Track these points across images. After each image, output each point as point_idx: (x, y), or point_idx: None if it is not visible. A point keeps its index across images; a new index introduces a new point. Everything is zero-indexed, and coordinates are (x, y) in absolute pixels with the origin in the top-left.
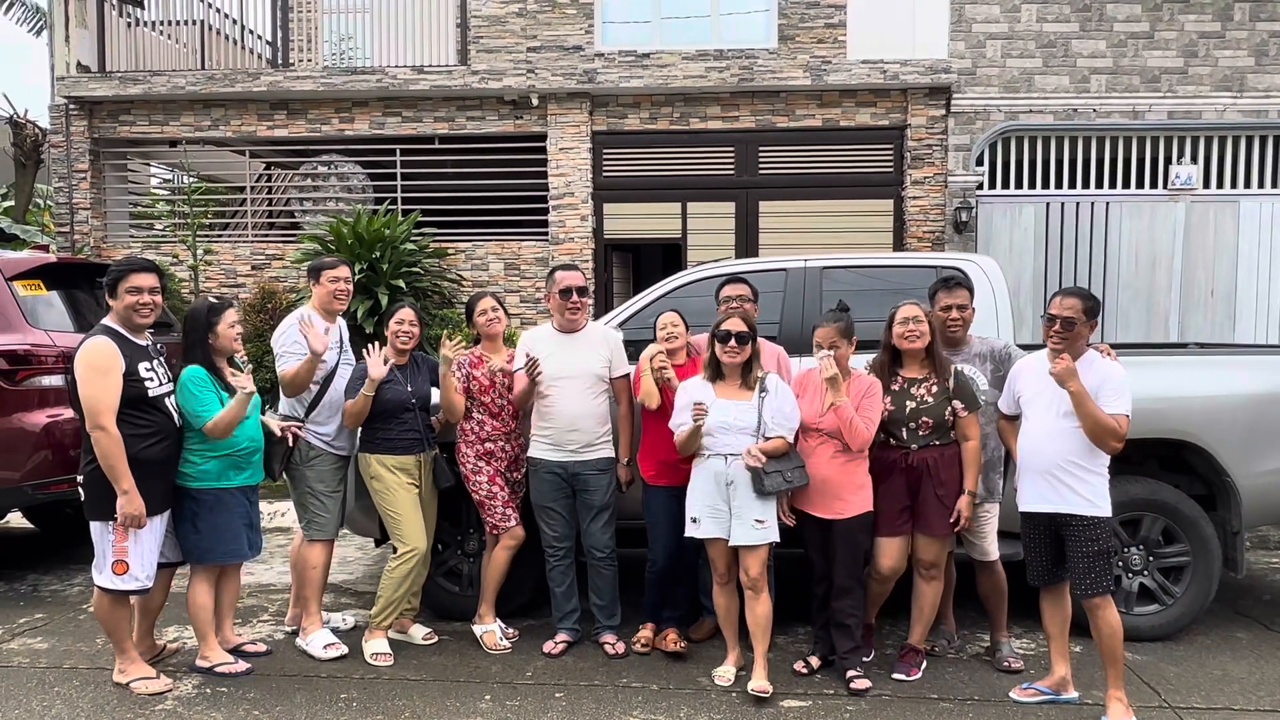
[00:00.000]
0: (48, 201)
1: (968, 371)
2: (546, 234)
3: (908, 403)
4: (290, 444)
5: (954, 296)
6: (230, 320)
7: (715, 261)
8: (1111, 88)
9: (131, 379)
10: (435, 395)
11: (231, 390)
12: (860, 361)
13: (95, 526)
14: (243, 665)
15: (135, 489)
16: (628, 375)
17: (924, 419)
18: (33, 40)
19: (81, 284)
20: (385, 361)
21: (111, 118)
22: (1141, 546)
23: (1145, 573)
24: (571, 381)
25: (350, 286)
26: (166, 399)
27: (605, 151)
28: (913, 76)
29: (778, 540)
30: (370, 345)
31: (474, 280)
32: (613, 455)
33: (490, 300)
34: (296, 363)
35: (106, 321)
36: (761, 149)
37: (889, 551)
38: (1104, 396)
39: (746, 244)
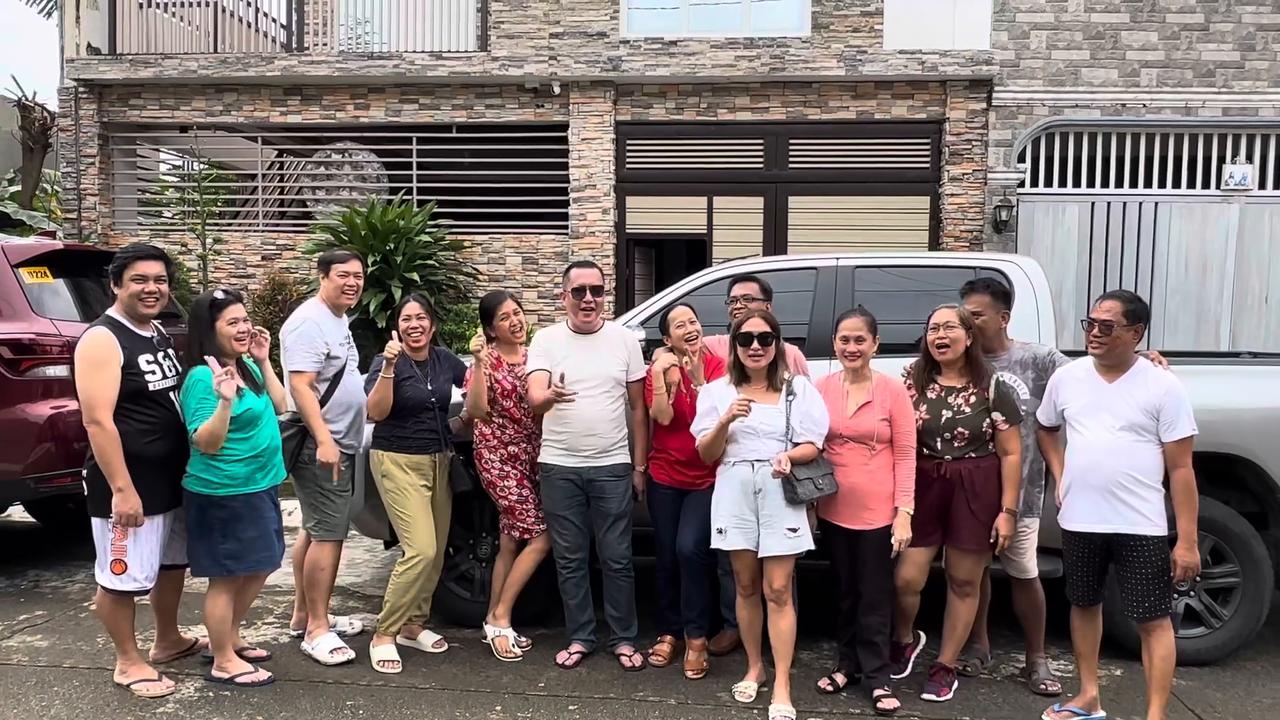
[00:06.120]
0: (55, 187)
1: (1006, 380)
2: (566, 227)
3: (944, 412)
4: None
5: (969, 303)
6: (231, 317)
7: (742, 259)
8: (1163, 82)
9: (131, 372)
10: (456, 395)
11: (255, 389)
12: (891, 367)
13: (96, 523)
14: (264, 674)
15: (131, 486)
16: (645, 379)
17: (960, 430)
18: (26, 20)
19: (88, 272)
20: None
21: (121, 101)
22: None
23: (1192, 594)
24: (588, 385)
25: (360, 281)
26: (171, 393)
27: (629, 142)
28: (952, 68)
29: (813, 549)
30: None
31: (490, 274)
32: (629, 461)
33: (512, 302)
34: (311, 366)
35: (110, 311)
36: (792, 142)
37: (910, 560)
38: (1164, 423)
39: (775, 241)
